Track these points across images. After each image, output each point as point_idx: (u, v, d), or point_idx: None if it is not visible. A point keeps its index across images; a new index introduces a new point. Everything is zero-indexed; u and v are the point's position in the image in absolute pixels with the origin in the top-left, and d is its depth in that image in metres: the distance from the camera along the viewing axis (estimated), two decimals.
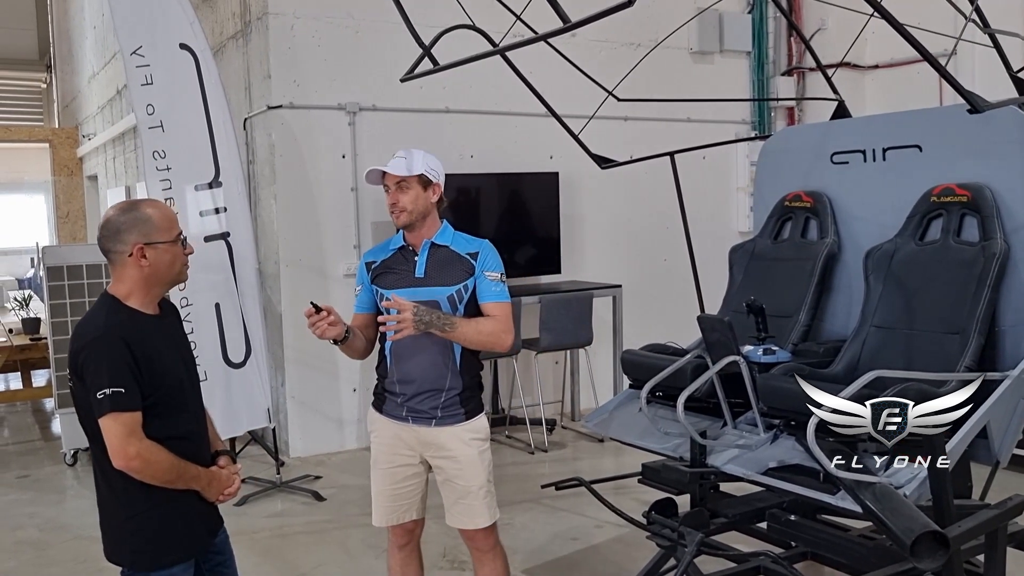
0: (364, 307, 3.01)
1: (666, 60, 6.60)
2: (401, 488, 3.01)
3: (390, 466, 3.00)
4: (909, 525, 2.34)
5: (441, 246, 2.93)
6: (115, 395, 2.18)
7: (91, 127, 13.10)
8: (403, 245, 2.97)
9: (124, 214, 2.32)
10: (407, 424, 2.95)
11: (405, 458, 2.99)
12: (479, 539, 3.00)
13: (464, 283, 2.89)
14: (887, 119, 3.54)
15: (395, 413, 2.96)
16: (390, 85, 5.99)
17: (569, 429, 6.60)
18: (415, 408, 2.93)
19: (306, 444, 6.06)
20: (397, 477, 3.00)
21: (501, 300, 2.91)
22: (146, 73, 5.00)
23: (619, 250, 7.13)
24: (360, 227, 6.09)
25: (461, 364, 2.93)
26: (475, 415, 2.97)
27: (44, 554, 4.50)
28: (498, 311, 2.89)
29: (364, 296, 3.00)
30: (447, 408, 2.92)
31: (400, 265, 2.94)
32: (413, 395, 2.92)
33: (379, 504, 3.04)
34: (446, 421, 2.92)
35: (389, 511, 3.03)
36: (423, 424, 2.93)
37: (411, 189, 2.85)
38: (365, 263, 3.01)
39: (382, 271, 2.96)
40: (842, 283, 3.56)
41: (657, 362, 3.35)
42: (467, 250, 2.93)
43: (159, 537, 2.33)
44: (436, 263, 2.91)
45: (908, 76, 7.23)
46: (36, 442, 6.85)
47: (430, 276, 2.90)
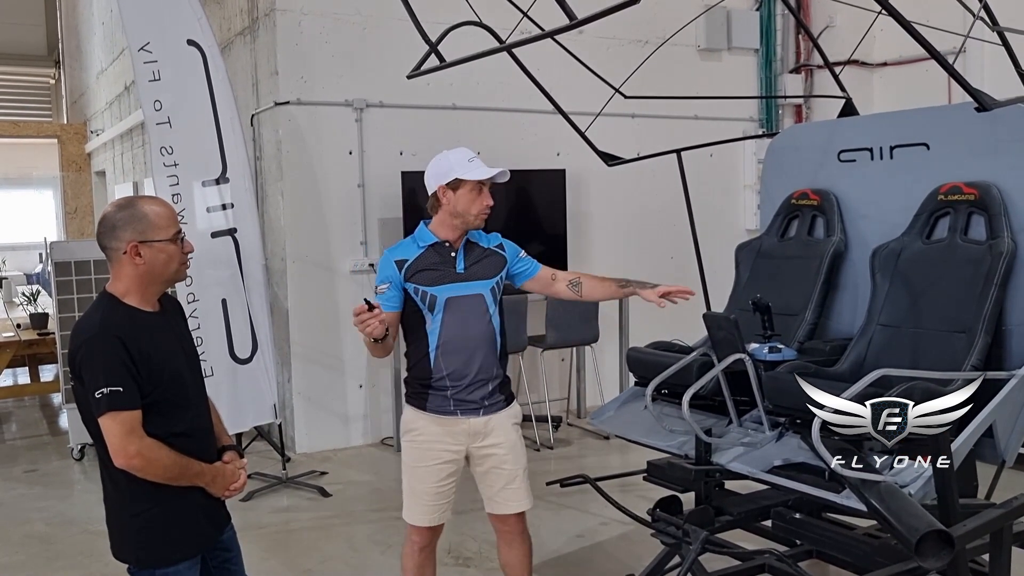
0: (392, 305, 2.98)
1: (674, 57, 6.59)
2: (443, 486, 3.04)
3: (436, 463, 3.02)
4: (914, 524, 2.34)
5: (473, 242, 3.05)
6: (112, 394, 2.17)
7: (99, 123, 13.13)
8: (436, 242, 2.99)
9: (121, 211, 2.30)
10: (455, 417, 2.99)
11: (450, 454, 3.02)
12: (514, 522, 3.11)
13: (500, 275, 3.05)
14: (894, 117, 3.52)
15: (442, 408, 2.99)
16: (397, 81, 5.98)
17: (575, 426, 6.60)
18: (464, 399, 2.98)
19: (312, 440, 6.07)
20: (441, 475, 3.03)
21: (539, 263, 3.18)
22: (154, 69, 5.01)
23: (626, 247, 7.13)
24: (367, 223, 6.10)
25: (501, 352, 3.04)
26: (512, 400, 3.11)
27: (51, 548, 4.52)
28: (551, 268, 3.20)
29: (393, 295, 2.97)
30: (492, 396, 3.02)
31: (439, 263, 2.98)
32: (463, 387, 2.97)
33: (421, 503, 3.05)
34: (492, 409, 3.02)
35: (432, 510, 3.05)
36: (471, 415, 3.00)
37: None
38: (395, 261, 2.99)
39: (418, 269, 2.97)
40: (848, 281, 3.55)
41: (663, 360, 3.35)
42: (492, 244, 3.09)
43: (164, 534, 2.33)
44: (474, 258, 3.02)
45: (916, 74, 7.21)
46: (44, 436, 6.89)
47: (471, 271, 2.99)
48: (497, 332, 3.01)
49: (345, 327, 6.08)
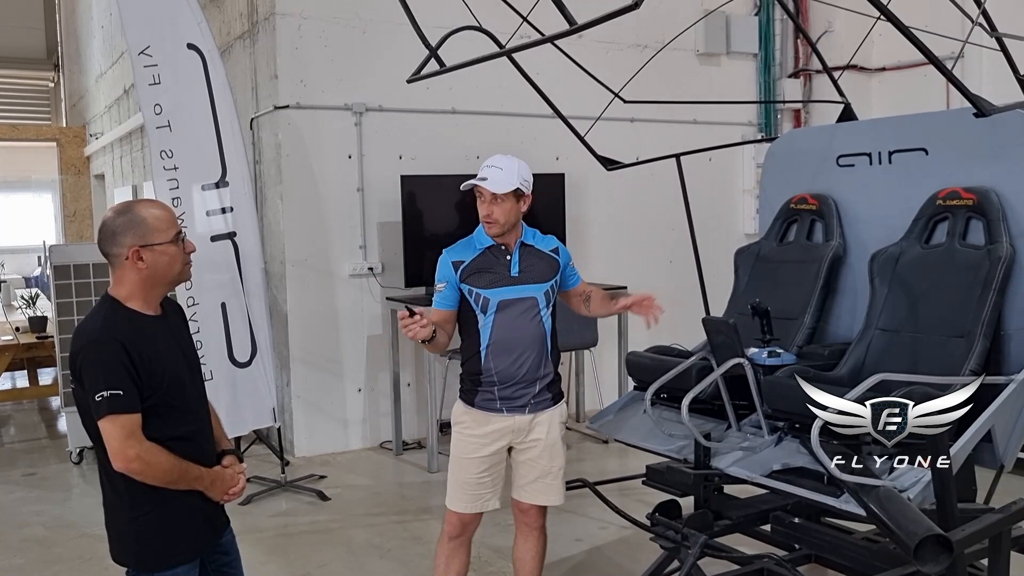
0: (448, 304, 3.07)
1: (672, 62, 6.60)
2: (484, 477, 3.11)
3: (478, 456, 3.09)
4: (913, 528, 2.34)
5: (528, 245, 3.09)
6: (112, 397, 2.17)
7: (98, 126, 13.14)
8: (493, 244, 3.05)
9: (119, 216, 2.30)
10: (501, 415, 3.06)
11: (493, 448, 3.09)
12: (535, 515, 3.19)
13: (555, 279, 3.10)
14: (893, 122, 3.54)
15: (489, 405, 3.07)
16: (396, 85, 5.96)
17: (573, 430, 6.59)
18: (510, 397, 3.05)
19: (311, 444, 6.07)
20: (482, 467, 3.10)
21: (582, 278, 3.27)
22: (154, 73, 5.02)
23: (625, 251, 7.13)
24: (366, 227, 6.10)
25: (551, 354, 3.10)
26: (560, 399, 3.16)
27: (50, 552, 4.51)
28: (587, 286, 3.27)
29: (449, 293, 3.07)
30: (539, 395, 3.08)
31: (493, 265, 3.04)
32: (510, 386, 3.03)
33: (460, 491, 3.13)
34: (538, 407, 3.08)
35: (470, 499, 3.12)
36: (517, 413, 3.06)
37: (505, 203, 2.98)
38: (451, 262, 3.07)
39: (474, 271, 3.04)
40: (847, 286, 3.56)
41: (662, 364, 3.36)
42: (548, 248, 3.14)
43: (163, 537, 2.33)
44: (527, 262, 3.07)
45: (915, 79, 7.21)
46: (42, 440, 6.88)
47: (524, 274, 3.05)
48: (548, 334, 3.09)
49: (344, 330, 6.09)
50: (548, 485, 3.15)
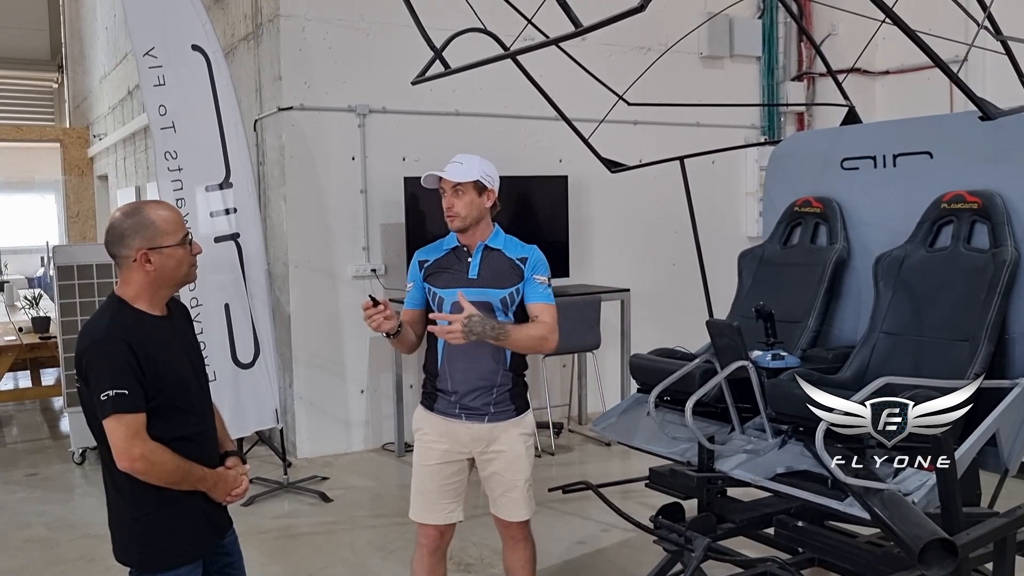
0: (415, 304, 3.06)
1: (676, 65, 6.60)
2: (447, 486, 3.05)
3: (439, 462, 3.04)
4: (918, 532, 2.34)
5: (494, 249, 3.01)
6: (118, 397, 2.18)
7: (102, 127, 13.16)
8: (457, 246, 3.02)
9: (128, 218, 2.31)
10: (460, 421, 3.00)
11: (454, 455, 3.04)
12: (515, 529, 3.11)
13: (516, 287, 2.98)
14: (898, 125, 3.53)
15: (448, 411, 3.02)
16: (400, 87, 5.99)
17: (576, 433, 6.60)
18: (468, 405, 2.99)
19: (313, 445, 6.07)
20: (445, 473, 3.05)
21: (548, 301, 2.99)
22: (159, 74, 5.03)
23: (628, 254, 7.13)
24: (369, 229, 6.10)
25: (511, 362, 3.01)
26: (524, 411, 3.07)
27: (52, 552, 4.51)
28: (545, 312, 2.98)
29: (415, 293, 3.06)
30: (499, 404, 3.00)
31: (454, 265, 3.00)
32: (466, 393, 2.98)
33: (424, 501, 3.08)
34: (498, 417, 3.00)
35: (433, 508, 3.07)
36: (476, 421, 2.99)
37: (466, 195, 2.92)
38: (418, 261, 3.06)
39: (435, 270, 3.02)
40: (851, 289, 3.55)
41: (665, 366, 3.35)
42: (518, 255, 3.01)
43: (166, 538, 2.33)
44: (489, 266, 2.99)
45: (918, 82, 7.22)
46: (44, 440, 6.88)
47: (483, 278, 2.97)
48: None
49: (347, 332, 6.09)
50: (513, 500, 3.05)
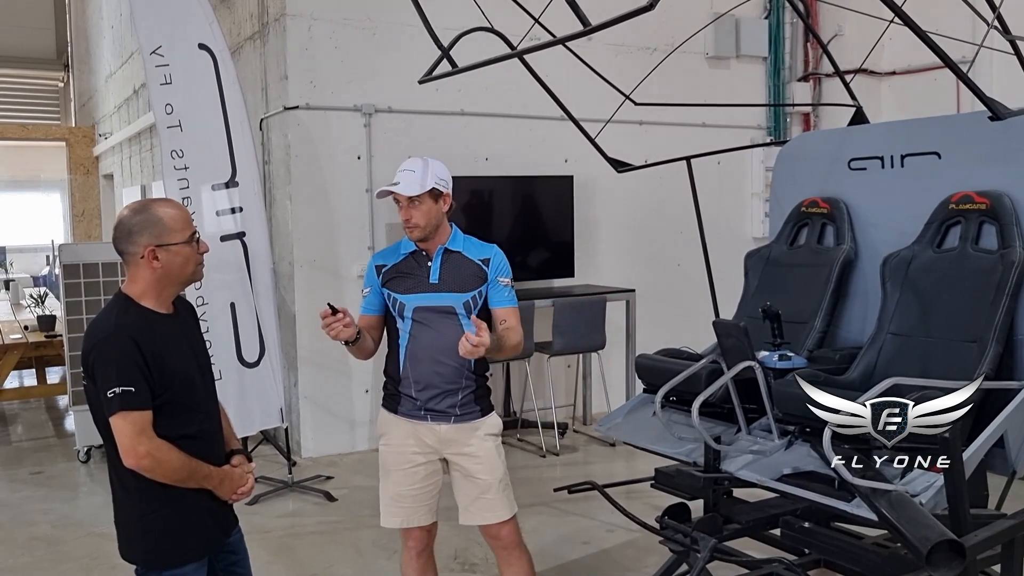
0: (373, 309, 3.01)
1: (682, 65, 6.59)
2: (422, 488, 3.01)
3: (410, 466, 3.00)
4: (925, 534, 2.33)
5: (454, 252, 2.95)
6: (124, 394, 2.18)
7: (107, 126, 13.17)
8: (416, 250, 2.97)
9: (136, 215, 2.31)
10: (425, 422, 2.96)
11: (424, 457, 2.99)
12: (504, 535, 3.00)
13: (478, 289, 2.92)
14: (905, 125, 3.52)
15: (412, 413, 2.97)
16: (406, 87, 5.98)
17: (581, 433, 6.59)
18: (433, 408, 2.95)
19: (318, 444, 6.07)
20: (418, 476, 3.00)
21: (513, 305, 2.97)
22: (165, 72, 5.03)
23: (633, 254, 7.13)
24: (374, 228, 6.10)
25: (475, 365, 2.96)
26: (489, 412, 3.03)
27: (58, 550, 4.52)
28: (512, 317, 2.96)
29: (373, 298, 3.01)
30: (464, 406, 2.95)
31: (414, 270, 2.95)
32: (431, 396, 2.93)
33: (398, 507, 3.02)
34: (464, 419, 2.96)
35: (410, 512, 3.02)
36: (442, 422, 2.95)
37: (423, 204, 2.87)
38: (375, 265, 3.01)
39: (394, 275, 2.96)
40: (858, 290, 3.54)
41: (672, 367, 3.35)
42: (479, 256, 2.96)
43: (172, 536, 2.34)
44: (450, 269, 2.93)
45: (925, 83, 7.20)
46: (50, 439, 6.89)
47: (444, 282, 2.92)
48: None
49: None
50: (491, 501, 2.97)
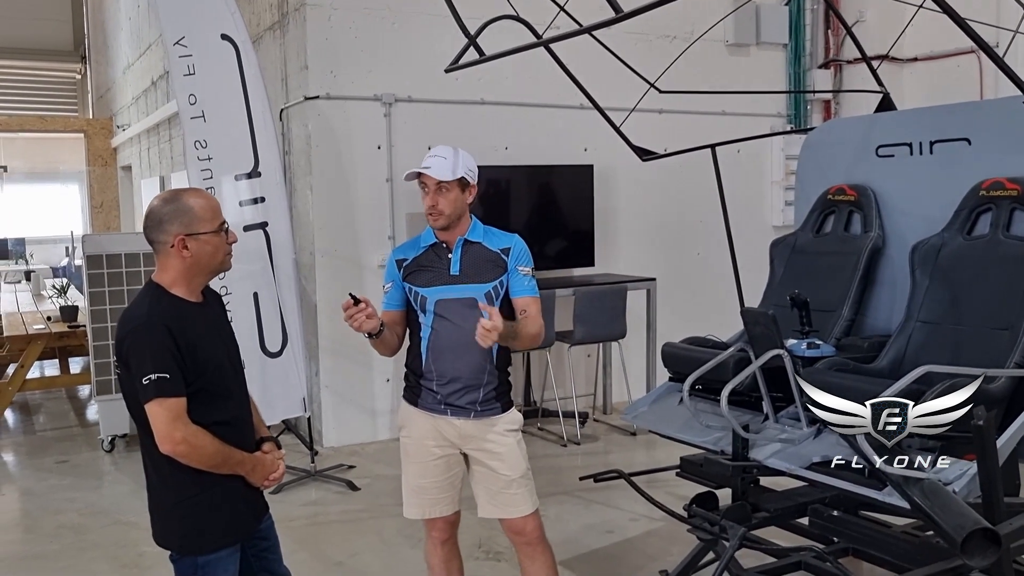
0: (395, 304, 2.99)
1: (702, 52, 6.51)
2: (443, 479, 3.00)
3: (431, 459, 2.99)
4: (960, 522, 2.31)
5: (474, 243, 2.93)
6: (160, 381, 2.20)
7: (125, 118, 13.23)
8: (435, 242, 2.95)
9: (167, 204, 2.33)
10: (446, 417, 2.95)
11: (445, 449, 2.99)
12: (528, 530, 2.98)
13: (500, 279, 2.91)
14: (935, 111, 3.48)
15: (433, 407, 2.96)
16: (426, 76, 6.00)
17: (601, 422, 6.59)
18: (454, 403, 2.93)
19: (340, 434, 6.09)
20: (439, 469, 2.99)
21: (534, 295, 2.94)
22: (188, 63, 5.04)
23: (653, 243, 7.11)
24: (395, 218, 6.11)
25: (498, 361, 2.95)
26: (509, 407, 3.01)
27: (84, 538, 4.56)
28: (531, 305, 2.93)
29: (395, 293, 2.99)
30: (485, 403, 2.94)
31: (434, 263, 2.93)
32: (453, 391, 2.92)
33: (420, 498, 3.03)
34: (484, 414, 2.94)
35: (433, 503, 3.02)
36: (462, 417, 2.94)
37: (451, 192, 2.84)
38: (395, 260, 3.00)
39: (415, 269, 2.95)
40: (886, 278, 3.51)
41: (699, 355, 3.34)
42: (499, 246, 2.94)
43: (206, 522, 2.35)
44: (470, 260, 2.91)
45: (947, 69, 7.14)
46: (73, 428, 6.95)
47: (465, 273, 2.90)
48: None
49: None
50: (513, 495, 2.94)
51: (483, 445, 2.95)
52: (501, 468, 2.95)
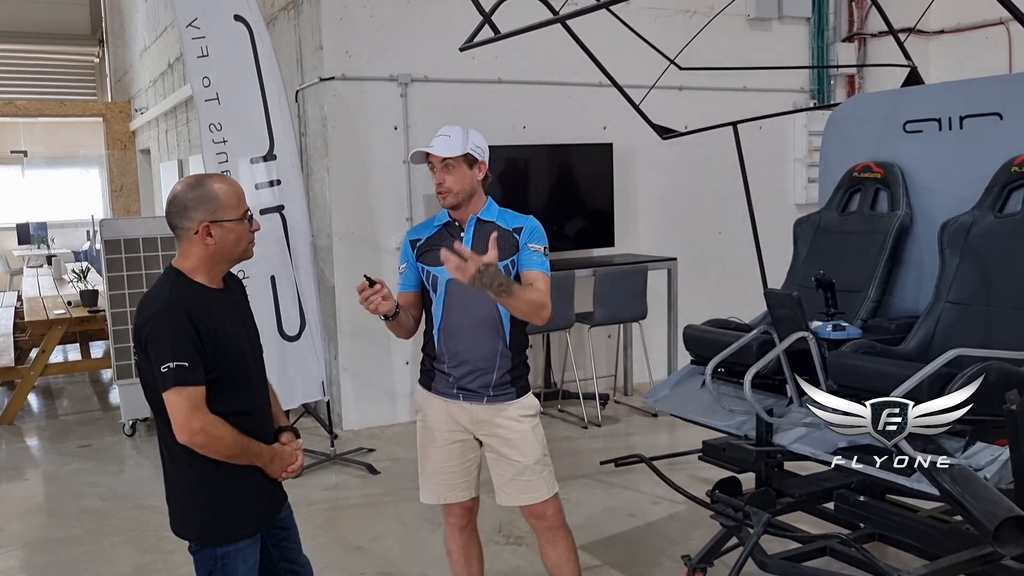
0: (410, 285, 2.96)
1: (722, 27, 6.42)
2: (459, 464, 2.97)
3: (446, 443, 2.96)
4: (992, 509, 2.25)
5: (487, 222, 2.88)
6: (179, 369, 2.16)
7: (143, 101, 13.24)
8: (448, 221, 2.91)
9: (192, 190, 2.28)
10: (458, 401, 2.91)
11: (460, 434, 2.95)
12: (548, 516, 2.95)
13: (512, 258, 2.85)
14: (965, 85, 3.38)
15: (446, 391, 2.93)
16: (442, 56, 5.93)
17: (622, 404, 6.55)
18: (466, 387, 2.89)
19: (359, 417, 6.09)
20: (454, 453, 2.97)
21: (543, 269, 2.83)
22: (202, 45, 4.99)
23: (673, 223, 7.02)
24: (412, 199, 6.06)
25: (511, 342, 2.89)
26: (525, 392, 2.95)
27: (107, 523, 4.58)
28: (540, 280, 2.81)
29: (409, 274, 2.95)
30: (499, 387, 2.89)
31: (446, 242, 2.86)
32: (465, 374, 2.88)
33: (436, 483, 3.00)
34: (498, 399, 2.89)
35: (448, 488, 2.99)
36: (475, 402, 2.90)
37: (457, 169, 2.79)
38: (410, 240, 2.96)
39: (427, 248, 2.90)
40: (914, 257, 3.43)
41: (722, 338, 3.28)
42: (513, 225, 2.88)
43: (226, 512, 2.33)
44: (482, 239, 2.83)
45: (974, 42, 6.99)
46: (95, 412, 6.99)
47: (477, 252, 2.84)
48: (504, 318, 2.84)
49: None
50: (528, 482, 2.89)
51: (495, 431, 2.91)
52: (514, 455, 2.90)
